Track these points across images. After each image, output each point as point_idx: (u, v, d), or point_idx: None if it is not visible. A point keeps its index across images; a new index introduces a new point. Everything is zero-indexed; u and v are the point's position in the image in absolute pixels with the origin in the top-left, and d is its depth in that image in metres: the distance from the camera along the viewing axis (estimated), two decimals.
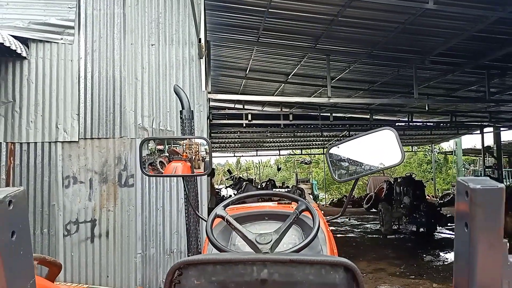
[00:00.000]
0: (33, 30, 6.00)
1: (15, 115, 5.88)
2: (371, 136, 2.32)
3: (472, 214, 0.85)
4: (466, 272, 0.87)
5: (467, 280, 0.87)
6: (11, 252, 0.90)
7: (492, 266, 0.86)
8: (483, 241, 0.85)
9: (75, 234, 5.72)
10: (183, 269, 1.03)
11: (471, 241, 0.86)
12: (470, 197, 0.85)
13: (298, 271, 1.02)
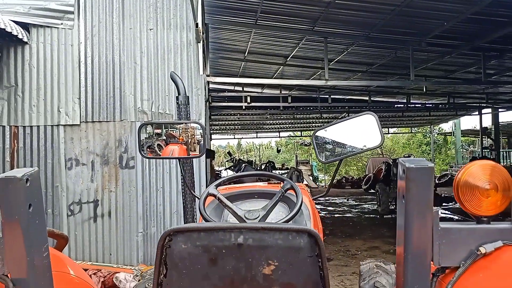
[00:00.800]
0: (34, 15, 6.10)
1: (18, 99, 6.03)
2: (354, 120, 2.48)
3: (407, 188, 1.02)
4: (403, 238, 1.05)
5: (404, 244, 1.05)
6: (29, 221, 1.09)
7: (424, 231, 1.03)
8: (415, 211, 1.03)
9: (79, 214, 5.93)
10: (173, 236, 1.21)
11: (406, 211, 1.03)
12: (406, 174, 1.02)
13: (269, 237, 1.19)
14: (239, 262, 1.21)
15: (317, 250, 1.21)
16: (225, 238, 1.21)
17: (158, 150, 2.85)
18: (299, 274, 1.22)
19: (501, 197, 1.14)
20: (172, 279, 1.24)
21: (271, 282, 1.22)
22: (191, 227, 1.24)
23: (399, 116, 19.85)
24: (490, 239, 1.11)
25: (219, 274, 1.22)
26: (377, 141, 2.34)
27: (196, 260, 1.22)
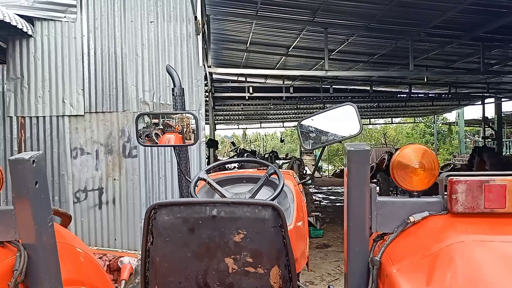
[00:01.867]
0: (38, 9, 6.27)
1: (24, 90, 6.23)
2: (335, 110, 2.66)
3: (348, 168, 1.21)
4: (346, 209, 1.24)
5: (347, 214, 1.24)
6: (36, 195, 1.29)
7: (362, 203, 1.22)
8: (355, 186, 1.22)
9: (84, 201, 6.16)
10: (157, 209, 1.41)
11: (347, 187, 1.22)
12: (347, 156, 1.20)
13: (239, 210, 1.39)
14: (213, 231, 1.40)
15: (280, 221, 1.40)
16: (201, 211, 1.40)
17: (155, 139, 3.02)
18: (265, 242, 1.41)
19: (428, 175, 1.32)
20: (157, 246, 1.44)
21: (241, 248, 1.41)
22: (173, 201, 1.44)
23: (402, 106, 19.93)
24: (419, 210, 1.30)
25: (197, 242, 1.42)
26: (356, 130, 2.52)
27: (177, 230, 1.41)
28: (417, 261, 1.13)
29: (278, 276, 1.46)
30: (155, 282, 1.48)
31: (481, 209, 1.22)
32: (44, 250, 1.35)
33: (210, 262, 1.43)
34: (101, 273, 2.00)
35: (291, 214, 2.57)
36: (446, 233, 1.18)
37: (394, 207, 1.32)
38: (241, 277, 1.44)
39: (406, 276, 1.12)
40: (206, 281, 1.45)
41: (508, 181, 1.23)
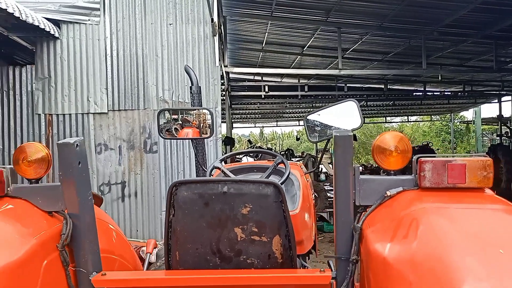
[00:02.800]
0: (64, 12, 6.65)
1: (51, 89, 6.62)
2: (339, 106, 2.92)
3: (335, 150, 1.49)
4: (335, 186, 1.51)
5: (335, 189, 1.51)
6: (79, 174, 1.60)
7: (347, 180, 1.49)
8: (341, 166, 1.49)
9: (108, 194, 6.52)
10: (178, 186, 1.70)
11: (335, 168, 1.49)
12: (335, 141, 1.48)
13: (245, 187, 1.67)
14: (224, 205, 1.69)
15: (280, 197, 1.68)
16: (214, 188, 1.68)
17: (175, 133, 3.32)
18: (268, 214, 1.69)
19: (402, 157, 1.58)
20: (178, 217, 1.73)
21: (247, 219, 1.69)
22: (191, 180, 1.73)
23: (418, 104, 19.94)
24: (395, 186, 1.56)
25: (211, 214, 1.70)
26: (358, 124, 2.76)
27: (194, 204, 1.70)
28: (387, 224, 1.40)
29: (279, 244, 1.73)
30: (176, 248, 1.77)
31: (445, 184, 1.48)
32: (85, 219, 1.65)
33: (222, 231, 1.71)
34: (127, 247, 2.31)
35: (297, 199, 2.84)
36: (413, 203, 1.44)
37: (374, 183, 1.58)
38: (248, 244, 1.72)
39: (376, 234, 1.38)
40: (218, 247, 1.73)
41: (468, 160, 1.48)
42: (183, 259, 1.76)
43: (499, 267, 1.08)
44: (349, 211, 1.54)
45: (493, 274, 1.06)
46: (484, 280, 1.05)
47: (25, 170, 1.67)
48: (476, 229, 1.23)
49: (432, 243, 1.20)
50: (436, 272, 1.11)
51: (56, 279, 1.57)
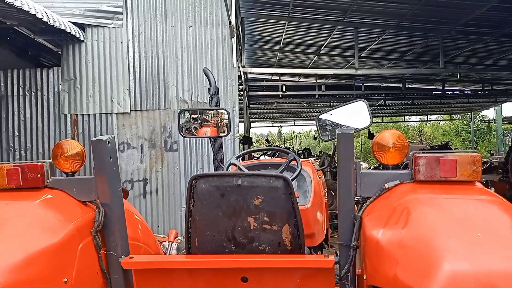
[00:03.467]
0: (88, 16, 6.94)
1: (77, 90, 6.92)
2: (349, 106, 3.07)
3: (338, 147, 1.65)
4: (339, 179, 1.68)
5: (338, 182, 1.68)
6: (110, 168, 1.80)
7: (347, 174, 1.66)
8: (343, 161, 1.66)
9: (130, 191, 6.78)
10: (197, 179, 1.89)
11: (338, 162, 1.66)
12: (338, 138, 1.64)
13: (258, 180, 1.85)
14: (238, 196, 1.87)
15: (289, 190, 1.85)
16: (229, 181, 1.87)
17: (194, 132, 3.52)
18: (278, 205, 1.86)
19: (399, 153, 1.73)
20: (197, 207, 1.92)
21: (259, 210, 1.87)
22: (208, 173, 1.92)
23: (437, 103, 19.78)
24: (392, 179, 1.71)
25: (226, 204, 1.88)
26: (367, 123, 2.91)
27: (211, 195, 1.88)
28: (382, 212, 1.56)
29: (289, 232, 1.90)
30: (196, 235, 1.95)
31: (437, 177, 1.63)
32: (115, 208, 1.86)
33: (236, 220, 1.89)
34: (152, 237, 2.52)
35: (309, 194, 3.00)
36: (407, 194, 1.59)
37: (373, 177, 1.74)
38: (260, 232, 1.89)
39: (372, 222, 1.54)
40: (233, 235, 1.91)
41: (458, 156, 1.62)
42: (202, 245, 1.95)
43: (475, 248, 1.24)
44: (350, 202, 1.70)
45: (469, 254, 1.22)
46: (461, 259, 1.21)
47: (63, 164, 1.88)
48: (459, 216, 1.39)
49: (419, 227, 1.36)
50: (421, 252, 1.27)
51: (90, 260, 1.77)
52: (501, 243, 1.27)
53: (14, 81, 6.94)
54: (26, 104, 6.89)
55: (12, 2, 5.10)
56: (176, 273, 1.88)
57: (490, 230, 1.31)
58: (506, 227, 1.34)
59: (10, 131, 6.85)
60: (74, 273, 1.64)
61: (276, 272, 1.82)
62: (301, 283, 1.81)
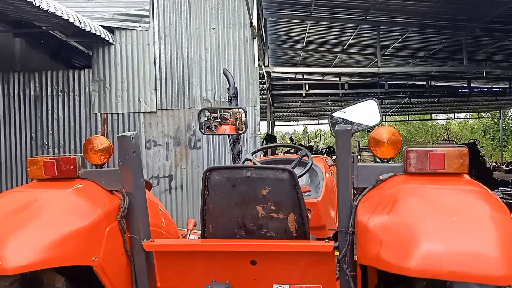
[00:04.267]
0: (117, 20, 7.27)
1: (106, 91, 7.26)
2: (361, 104, 3.23)
3: (336, 143, 1.83)
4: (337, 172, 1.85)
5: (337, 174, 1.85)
6: (133, 161, 2.03)
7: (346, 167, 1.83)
8: (341, 155, 1.83)
9: (157, 187, 7.08)
10: (211, 171, 2.09)
11: (337, 156, 1.83)
12: (336, 134, 1.82)
13: (265, 172, 2.04)
14: (248, 187, 2.06)
15: (294, 181, 2.03)
16: (240, 173, 2.07)
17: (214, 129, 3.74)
18: (284, 195, 2.05)
19: (393, 148, 1.88)
20: (211, 197, 2.13)
21: (267, 199, 2.06)
22: (221, 166, 2.12)
23: (464, 101, 19.45)
24: (387, 171, 1.86)
25: (237, 194, 2.08)
26: (377, 121, 3.05)
27: (223, 186, 2.09)
28: (374, 200, 1.72)
29: (294, 220, 2.08)
30: (210, 223, 2.16)
31: (427, 170, 1.78)
32: (138, 196, 2.08)
33: (246, 209, 2.09)
34: (172, 225, 2.74)
35: (320, 189, 3.17)
36: (398, 184, 1.75)
37: (369, 169, 1.91)
38: (268, 220, 2.08)
39: (363, 208, 1.71)
40: (244, 222, 2.11)
41: (446, 150, 1.77)
42: (215, 231, 2.16)
43: (449, 230, 1.40)
44: (348, 192, 1.87)
45: (443, 235, 1.38)
46: (435, 240, 1.37)
47: (92, 158, 2.12)
48: (440, 203, 1.54)
49: (402, 213, 1.53)
50: (401, 234, 1.44)
51: (116, 243, 2.01)
52: (473, 227, 1.42)
53: (48, 82, 7.34)
54: (59, 103, 7.28)
55: (47, 8, 5.45)
56: (192, 256, 2.10)
57: (466, 216, 1.47)
58: (481, 213, 1.49)
59: (44, 129, 7.25)
60: (102, 253, 1.87)
61: (282, 256, 2.01)
62: (305, 266, 2.00)
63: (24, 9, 5.94)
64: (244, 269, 2.05)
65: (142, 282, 2.07)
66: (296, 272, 2.01)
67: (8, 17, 7.46)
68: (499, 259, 1.31)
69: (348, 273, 1.82)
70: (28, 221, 1.72)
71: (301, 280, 2.01)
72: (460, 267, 1.31)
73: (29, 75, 7.38)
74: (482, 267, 1.30)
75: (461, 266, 1.31)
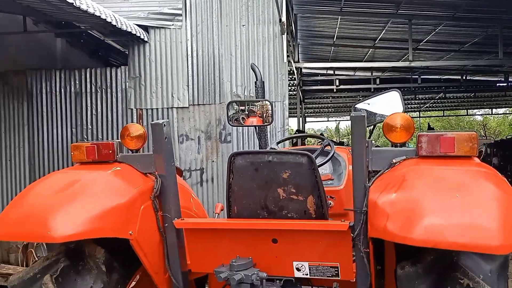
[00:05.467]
0: (151, 19, 7.55)
1: (141, 87, 7.56)
2: (383, 95, 3.33)
3: (351, 128, 1.96)
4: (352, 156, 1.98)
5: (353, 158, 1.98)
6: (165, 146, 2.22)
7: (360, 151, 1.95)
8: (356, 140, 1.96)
9: (189, 179, 7.34)
10: (235, 156, 2.26)
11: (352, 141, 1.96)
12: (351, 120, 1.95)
13: (286, 157, 2.19)
14: (270, 171, 2.22)
15: (313, 166, 2.17)
16: (262, 157, 2.22)
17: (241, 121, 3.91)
18: (303, 178, 2.19)
19: (405, 133, 1.99)
20: (236, 180, 2.29)
21: (287, 182, 2.21)
22: (245, 151, 2.29)
23: (502, 96, 18.87)
24: (400, 155, 1.97)
25: (259, 177, 2.24)
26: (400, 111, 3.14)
27: (247, 169, 2.25)
28: (386, 180, 1.84)
29: (313, 202, 2.22)
30: (235, 204, 2.33)
31: (437, 153, 1.88)
32: (170, 178, 2.28)
33: (268, 191, 2.24)
34: (202, 209, 2.94)
35: (343, 177, 3.29)
36: (409, 166, 1.87)
37: (383, 153, 2.02)
38: (288, 202, 2.23)
39: (375, 187, 1.84)
40: (266, 204, 2.27)
41: (456, 134, 1.87)
42: (240, 212, 2.32)
43: (452, 205, 1.51)
44: (363, 174, 1.99)
45: (445, 209, 1.50)
46: (438, 213, 1.49)
47: (129, 143, 2.33)
48: (445, 181, 1.65)
49: (408, 189, 1.65)
50: (407, 208, 1.56)
51: (150, 220, 2.21)
52: (475, 202, 1.53)
53: (87, 79, 7.72)
54: (98, 100, 7.64)
55: (86, 9, 5.77)
56: (218, 233, 2.27)
57: (469, 192, 1.57)
58: (484, 190, 1.59)
59: (84, 124, 7.64)
60: (137, 228, 2.08)
61: (301, 235, 2.16)
62: (323, 245, 2.14)
63: (65, 10, 6.30)
64: (266, 247, 2.21)
65: (173, 257, 2.27)
66: (314, 250, 2.16)
67: (51, 18, 7.89)
68: (497, 231, 1.42)
69: (362, 250, 1.95)
70: (73, 198, 1.94)
71: (320, 258, 2.16)
72: (461, 237, 1.43)
73: (69, 73, 7.78)
74: (481, 238, 1.41)
75: (461, 237, 1.42)
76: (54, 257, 2.01)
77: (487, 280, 1.54)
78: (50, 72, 7.83)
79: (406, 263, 1.68)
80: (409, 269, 1.65)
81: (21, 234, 1.90)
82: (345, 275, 2.13)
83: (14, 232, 1.90)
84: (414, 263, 1.66)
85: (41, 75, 7.82)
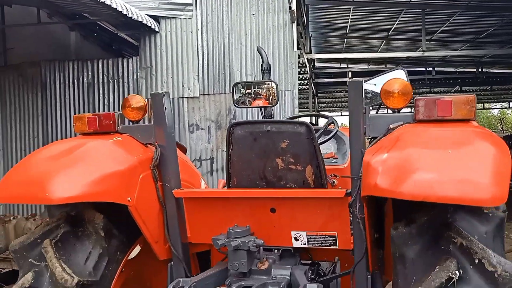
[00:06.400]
0: (162, 9, 7.60)
1: (152, 77, 7.62)
2: (389, 74, 3.30)
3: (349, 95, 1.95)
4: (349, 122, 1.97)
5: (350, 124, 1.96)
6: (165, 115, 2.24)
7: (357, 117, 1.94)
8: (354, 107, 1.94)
9: (199, 169, 7.37)
10: (234, 126, 2.26)
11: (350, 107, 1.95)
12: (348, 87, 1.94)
13: (284, 126, 2.18)
14: (268, 140, 2.22)
15: (311, 135, 2.17)
16: (260, 127, 2.22)
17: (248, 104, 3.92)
18: (301, 147, 2.19)
19: (403, 98, 1.95)
20: (235, 150, 2.30)
21: (285, 152, 2.20)
22: (243, 121, 2.29)
23: None
24: (397, 121, 1.95)
25: (258, 147, 2.24)
26: None
27: (246, 139, 2.25)
28: (381, 142, 1.83)
29: (311, 172, 2.22)
30: (234, 174, 2.34)
31: (435, 116, 1.85)
32: (169, 149, 2.30)
33: (266, 161, 2.24)
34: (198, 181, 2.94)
35: (347, 156, 3.27)
36: (406, 127, 1.85)
37: (381, 119, 2.00)
38: (287, 172, 2.23)
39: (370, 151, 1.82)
40: (264, 174, 2.27)
41: (453, 97, 1.84)
42: (239, 182, 2.33)
43: (443, 160, 1.49)
44: (360, 141, 1.98)
45: (436, 164, 1.48)
46: (428, 168, 1.48)
47: (129, 114, 2.36)
48: (439, 140, 1.63)
49: (401, 148, 1.63)
50: (397, 164, 1.55)
51: (149, 189, 2.23)
52: (466, 158, 1.51)
53: (99, 70, 7.82)
54: (110, 90, 7.74)
55: None
56: (217, 202, 2.29)
57: (461, 149, 1.55)
58: (477, 147, 1.57)
59: None
60: (136, 195, 2.10)
61: (299, 205, 2.16)
62: (320, 215, 2.13)
63: (79, 1, 6.40)
64: (265, 216, 2.21)
65: (173, 227, 2.29)
66: (312, 220, 2.15)
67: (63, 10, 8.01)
68: (487, 184, 1.40)
69: (358, 216, 1.94)
70: (72, 163, 1.98)
71: (318, 228, 2.15)
72: (451, 191, 1.41)
73: (82, 64, 7.89)
74: (472, 191, 1.39)
75: (452, 190, 1.41)
76: (54, 222, 2.05)
77: (482, 241, 1.52)
78: (64, 63, 7.95)
79: (400, 224, 1.67)
80: (402, 230, 1.63)
81: (21, 196, 1.94)
82: (343, 245, 2.13)
83: (13, 194, 1.94)
84: (407, 223, 1.65)
85: (54, 66, 7.95)
